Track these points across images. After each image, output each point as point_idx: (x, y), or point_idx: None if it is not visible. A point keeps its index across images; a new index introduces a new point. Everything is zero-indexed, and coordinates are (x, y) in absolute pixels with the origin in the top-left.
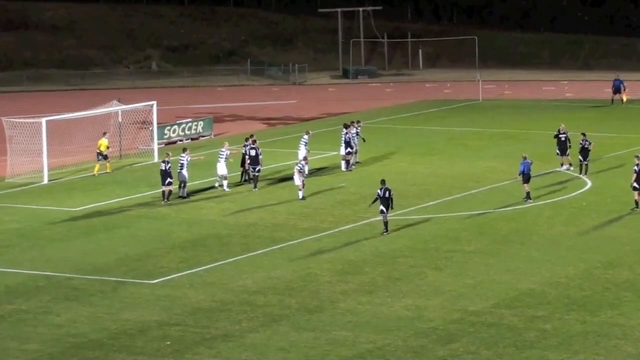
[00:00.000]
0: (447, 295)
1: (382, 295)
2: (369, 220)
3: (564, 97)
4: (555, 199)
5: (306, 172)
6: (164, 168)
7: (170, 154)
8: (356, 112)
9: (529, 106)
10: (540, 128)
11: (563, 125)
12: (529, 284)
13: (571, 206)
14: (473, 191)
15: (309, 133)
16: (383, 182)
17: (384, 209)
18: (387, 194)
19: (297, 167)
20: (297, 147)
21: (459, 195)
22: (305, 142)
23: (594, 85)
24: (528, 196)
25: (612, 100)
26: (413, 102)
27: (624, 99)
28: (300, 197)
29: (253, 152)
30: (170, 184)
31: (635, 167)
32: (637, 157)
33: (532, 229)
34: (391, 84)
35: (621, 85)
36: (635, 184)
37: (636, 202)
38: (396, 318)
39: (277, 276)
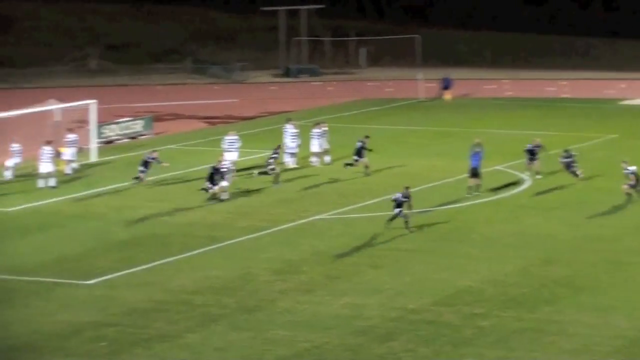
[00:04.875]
0: (386, 294)
1: (320, 294)
2: (307, 220)
3: (505, 96)
4: (494, 197)
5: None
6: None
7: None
8: (298, 110)
9: (470, 105)
10: (481, 126)
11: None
12: (467, 281)
13: (509, 204)
14: (413, 189)
15: (290, 120)
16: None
17: None
18: None
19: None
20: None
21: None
22: (293, 134)
23: (535, 83)
24: (476, 189)
25: (440, 96)
26: (355, 101)
27: (448, 97)
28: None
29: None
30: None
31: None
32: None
33: (470, 227)
34: (333, 82)
35: (450, 84)
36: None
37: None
38: (334, 317)
39: (215, 276)
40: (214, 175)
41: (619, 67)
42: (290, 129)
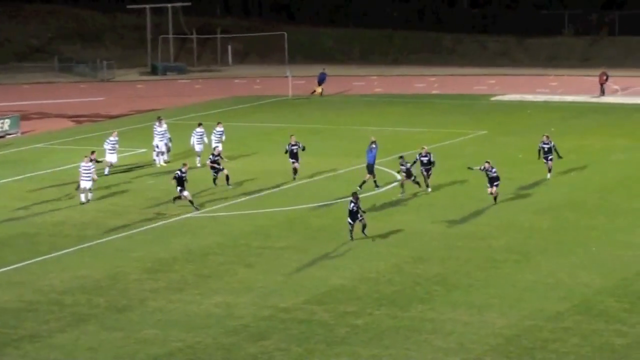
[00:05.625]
0: (258, 292)
1: (192, 292)
2: (178, 218)
3: (374, 92)
4: (365, 195)
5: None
6: None
7: None
8: (165, 108)
9: (339, 102)
10: (349, 123)
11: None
12: (340, 279)
13: (380, 201)
14: (283, 187)
15: (159, 119)
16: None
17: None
18: None
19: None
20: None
21: (269, 191)
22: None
23: (404, 80)
24: (361, 184)
25: (314, 91)
26: (222, 99)
27: (319, 90)
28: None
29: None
30: None
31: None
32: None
33: (342, 225)
34: (200, 80)
35: (324, 79)
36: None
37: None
38: (206, 316)
39: (85, 275)
40: (182, 180)
41: (488, 63)
42: (157, 128)
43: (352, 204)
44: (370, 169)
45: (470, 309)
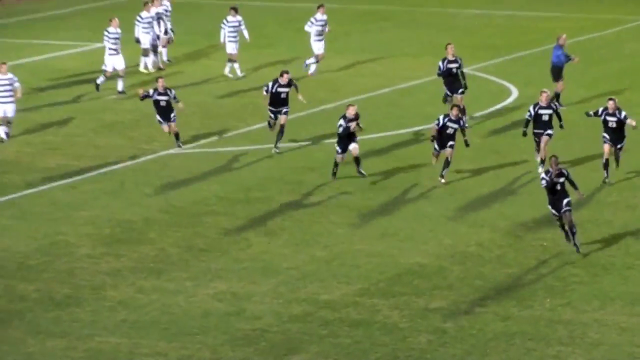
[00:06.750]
0: (284, 276)
1: (177, 277)
2: (156, 155)
3: None
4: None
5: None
6: None
7: None
8: None
9: None
10: (433, 4)
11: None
12: (418, 256)
13: (485, 130)
14: (326, 106)
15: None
16: None
17: None
18: None
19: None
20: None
21: (302, 114)
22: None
23: None
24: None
25: None
26: None
27: None
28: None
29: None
30: None
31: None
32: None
33: (426, 171)
34: None
35: None
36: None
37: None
38: (201, 314)
39: (4, 247)
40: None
41: None
42: (143, 12)
43: (545, 180)
44: (556, 73)
45: (628, 305)
